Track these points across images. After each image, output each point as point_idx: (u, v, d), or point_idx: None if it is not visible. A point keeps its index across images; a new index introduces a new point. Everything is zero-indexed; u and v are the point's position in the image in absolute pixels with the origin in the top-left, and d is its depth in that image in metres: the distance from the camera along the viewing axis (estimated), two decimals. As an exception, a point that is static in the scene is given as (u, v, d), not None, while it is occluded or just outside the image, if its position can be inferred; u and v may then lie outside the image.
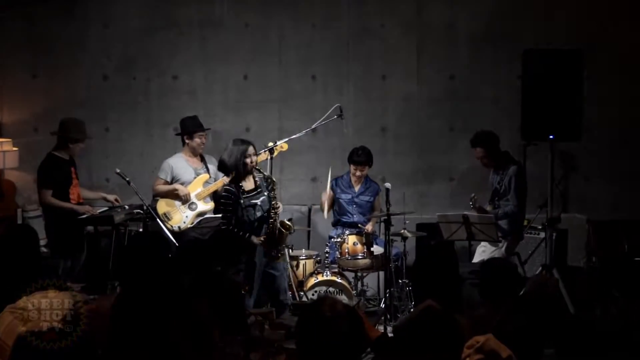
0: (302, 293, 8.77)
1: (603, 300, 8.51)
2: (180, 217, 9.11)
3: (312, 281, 8.90)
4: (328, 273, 8.93)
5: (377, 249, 9.02)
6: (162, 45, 10.75)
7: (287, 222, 8.14)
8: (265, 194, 8.03)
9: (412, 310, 8.19)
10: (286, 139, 9.24)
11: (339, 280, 8.89)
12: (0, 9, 10.69)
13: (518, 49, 8.90)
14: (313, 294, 8.76)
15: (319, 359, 3.49)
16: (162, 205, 9.14)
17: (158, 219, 8.79)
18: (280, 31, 10.73)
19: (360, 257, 8.97)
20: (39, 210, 9.60)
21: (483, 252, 9.19)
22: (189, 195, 9.14)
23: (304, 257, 9.17)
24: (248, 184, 7.97)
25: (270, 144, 8.87)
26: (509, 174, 9.02)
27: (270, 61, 10.74)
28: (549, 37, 10.18)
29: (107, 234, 9.27)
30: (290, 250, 8.94)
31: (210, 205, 9.28)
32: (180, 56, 10.77)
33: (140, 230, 9.14)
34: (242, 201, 7.87)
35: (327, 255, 9.15)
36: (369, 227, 9.34)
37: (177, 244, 8.24)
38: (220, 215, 8.24)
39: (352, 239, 9.06)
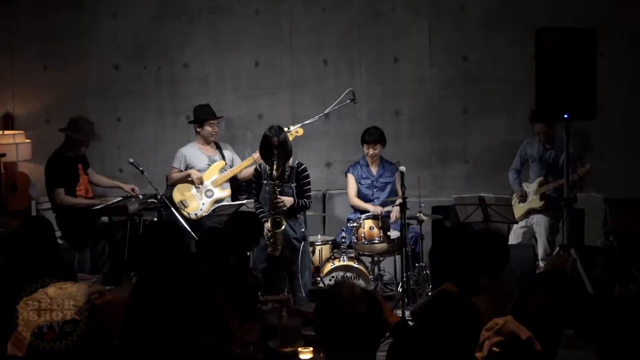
0: (319, 279, 8.75)
1: (622, 279, 8.48)
2: (197, 205, 9.11)
3: (328, 266, 8.87)
4: (345, 258, 8.89)
5: (393, 233, 9.00)
6: (173, 33, 10.72)
7: (277, 219, 8.08)
8: (292, 185, 8.15)
9: (429, 294, 8.17)
10: (299, 125, 9.22)
11: (355, 265, 8.85)
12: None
13: (531, 28, 8.85)
14: (330, 280, 8.74)
15: (338, 343, 3.47)
16: (178, 194, 9.15)
17: (172, 208, 8.79)
18: (291, 17, 10.68)
19: (376, 242, 8.94)
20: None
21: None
22: (201, 179, 9.13)
23: (319, 243, 9.14)
24: (278, 171, 8.04)
25: (285, 129, 8.83)
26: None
27: (281, 47, 10.70)
28: (562, 15, 10.11)
29: (122, 224, 9.27)
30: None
31: (227, 192, 9.28)
32: (190, 44, 10.73)
33: (155, 219, 9.14)
34: (264, 181, 8.10)
35: (343, 239, 9.11)
36: (393, 216, 9.28)
37: (194, 235, 8.20)
38: (236, 202, 8.71)
39: (368, 224, 9.02)
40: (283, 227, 7.97)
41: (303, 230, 8.26)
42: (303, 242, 8.23)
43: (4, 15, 10.73)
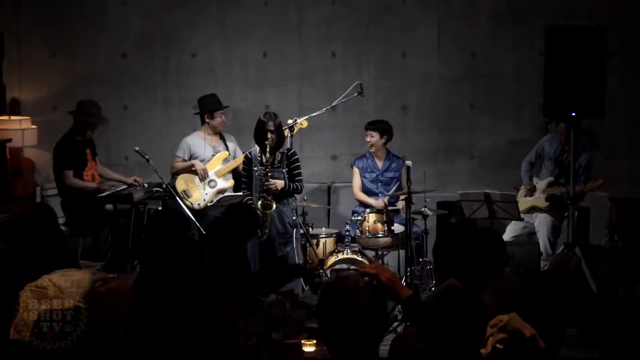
0: (322, 271, 8.75)
1: (626, 278, 8.47)
2: (200, 195, 9.10)
3: (332, 259, 8.86)
4: (348, 251, 8.88)
5: (397, 227, 8.99)
6: (181, 23, 10.70)
7: (268, 201, 8.08)
8: (284, 170, 8.17)
9: (433, 289, 8.16)
10: (306, 117, 9.20)
11: (359, 258, 8.84)
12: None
13: (540, 26, 8.82)
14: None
15: (340, 336, 3.46)
16: (181, 183, 9.14)
17: (177, 197, 8.79)
18: (300, 8, 10.66)
19: (380, 236, 8.92)
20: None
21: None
22: (206, 170, 9.13)
23: (324, 236, 9.14)
24: (269, 157, 8.06)
25: (290, 121, 8.85)
26: (585, 157, 8.93)
27: (290, 39, 10.68)
28: (572, 13, 10.07)
29: (126, 212, 9.27)
30: (310, 228, 8.93)
31: (230, 182, 9.27)
32: (199, 34, 10.71)
33: (160, 208, 9.14)
34: (255, 168, 8.13)
35: (347, 233, 9.09)
36: (400, 205, 9.25)
37: (198, 224, 8.21)
38: (240, 193, 8.56)
39: (372, 217, 9.00)
40: (273, 208, 8.01)
41: (294, 218, 8.30)
42: (295, 229, 8.27)
43: (12, 1, 10.72)
